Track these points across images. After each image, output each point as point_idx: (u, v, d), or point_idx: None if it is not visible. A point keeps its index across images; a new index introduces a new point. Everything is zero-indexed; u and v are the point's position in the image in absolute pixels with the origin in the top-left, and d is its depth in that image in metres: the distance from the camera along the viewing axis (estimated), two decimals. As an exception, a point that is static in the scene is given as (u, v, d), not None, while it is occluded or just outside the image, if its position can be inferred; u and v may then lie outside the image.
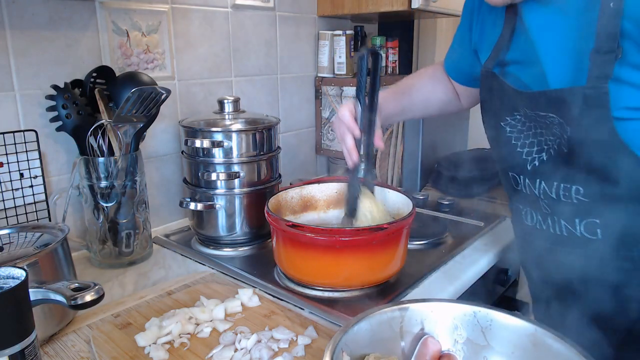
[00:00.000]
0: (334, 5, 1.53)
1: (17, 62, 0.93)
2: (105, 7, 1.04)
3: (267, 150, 1.07)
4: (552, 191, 0.73)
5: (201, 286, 0.89)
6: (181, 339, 0.72)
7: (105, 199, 0.96)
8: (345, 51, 1.54)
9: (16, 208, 0.95)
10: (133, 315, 0.79)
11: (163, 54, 1.16)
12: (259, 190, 1.06)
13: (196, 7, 1.22)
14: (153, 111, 0.97)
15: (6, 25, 0.91)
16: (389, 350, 0.62)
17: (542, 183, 0.75)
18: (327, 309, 0.82)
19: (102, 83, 1.01)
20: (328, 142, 1.63)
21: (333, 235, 0.81)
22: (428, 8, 1.39)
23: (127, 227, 0.99)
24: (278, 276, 0.94)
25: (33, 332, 0.52)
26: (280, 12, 1.44)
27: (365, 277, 0.86)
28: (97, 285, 0.59)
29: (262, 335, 0.72)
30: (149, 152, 1.17)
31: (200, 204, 1.03)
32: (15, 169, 0.94)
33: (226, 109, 1.07)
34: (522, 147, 0.77)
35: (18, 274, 0.52)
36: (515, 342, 0.61)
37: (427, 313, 0.65)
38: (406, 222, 0.85)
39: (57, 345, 0.72)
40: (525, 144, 0.76)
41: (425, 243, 1.09)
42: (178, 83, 1.21)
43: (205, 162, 1.03)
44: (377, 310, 0.63)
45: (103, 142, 0.97)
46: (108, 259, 1.00)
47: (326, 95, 1.59)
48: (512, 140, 0.78)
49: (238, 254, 1.06)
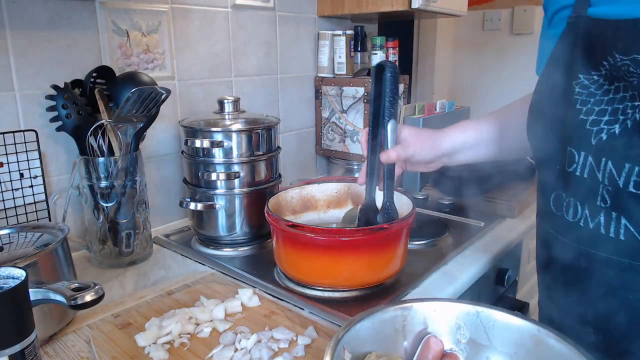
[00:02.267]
0: (334, 5, 1.53)
1: (17, 62, 0.93)
2: (105, 7, 1.04)
3: (267, 150, 1.06)
4: (621, 176, 0.56)
5: (201, 286, 0.89)
6: (181, 339, 0.72)
7: (105, 199, 0.96)
8: (345, 51, 1.54)
9: (16, 208, 0.95)
10: (133, 315, 0.79)
11: (163, 54, 1.16)
12: (259, 190, 1.06)
13: (196, 7, 1.22)
14: (153, 111, 0.97)
15: (6, 25, 0.90)
16: (391, 349, 0.62)
17: (609, 163, 0.57)
18: (327, 309, 0.82)
19: (102, 83, 1.01)
20: (328, 142, 1.63)
21: (333, 235, 0.81)
22: (428, 8, 1.39)
23: (127, 227, 0.99)
24: (278, 276, 0.94)
25: (33, 332, 0.52)
26: (280, 12, 1.44)
27: (365, 277, 0.86)
28: (97, 285, 0.59)
29: (262, 335, 0.72)
30: (149, 152, 1.17)
31: (200, 204, 1.03)
32: (15, 169, 0.94)
33: (226, 109, 1.07)
34: (588, 114, 0.60)
35: (18, 274, 0.52)
36: (518, 343, 0.61)
37: (430, 312, 0.64)
38: (406, 222, 0.85)
39: (57, 345, 0.72)
40: (593, 110, 0.59)
41: (425, 243, 1.09)
42: (178, 83, 1.21)
43: (205, 162, 1.02)
44: (379, 309, 0.63)
45: (103, 142, 0.97)
46: (108, 259, 0.99)
47: (326, 95, 1.59)
48: (577, 105, 0.61)
49: (238, 254, 1.06)
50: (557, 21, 0.66)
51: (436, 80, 2.43)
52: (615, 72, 0.57)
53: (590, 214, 0.60)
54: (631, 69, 0.55)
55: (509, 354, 0.61)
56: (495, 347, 0.62)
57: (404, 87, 1.66)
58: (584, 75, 0.60)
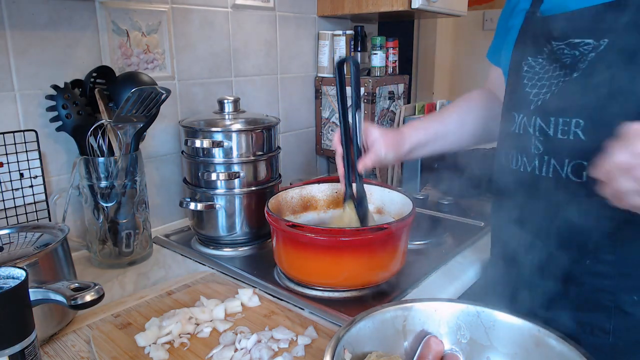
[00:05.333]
0: (334, 5, 1.53)
1: (17, 62, 0.93)
2: (105, 7, 1.04)
3: (267, 150, 1.06)
4: (549, 126, 0.72)
5: (201, 286, 0.89)
6: (181, 339, 0.72)
7: (105, 199, 0.96)
8: (345, 51, 1.54)
9: (16, 208, 0.95)
10: (133, 315, 0.79)
11: (163, 54, 1.16)
12: (259, 190, 1.06)
13: (196, 7, 1.21)
14: (153, 111, 0.97)
15: (6, 25, 0.90)
16: (391, 349, 0.62)
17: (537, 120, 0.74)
18: (327, 309, 0.82)
19: (102, 83, 1.01)
20: (328, 142, 1.63)
21: (333, 235, 0.81)
22: (428, 8, 1.39)
23: (127, 227, 0.99)
24: (278, 276, 0.94)
25: (33, 332, 0.52)
26: (280, 12, 1.44)
27: (365, 277, 0.86)
28: (97, 285, 0.59)
29: (262, 335, 0.72)
30: (149, 152, 1.17)
31: (200, 204, 1.03)
32: (15, 169, 0.94)
33: (226, 109, 1.07)
34: (532, 88, 0.76)
35: (18, 274, 0.52)
36: (518, 343, 0.61)
37: (430, 312, 0.65)
38: (406, 222, 0.85)
39: (57, 345, 0.72)
40: (535, 85, 0.75)
41: (425, 243, 1.09)
42: (178, 83, 1.21)
43: (205, 162, 1.02)
44: (380, 309, 0.63)
45: (103, 142, 0.97)
46: (108, 259, 0.99)
47: (326, 95, 1.59)
48: (524, 80, 0.77)
49: (238, 254, 1.06)
50: (517, 13, 0.83)
51: (436, 80, 2.43)
52: (553, 55, 0.73)
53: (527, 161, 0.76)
54: (566, 52, 0.71)
55: (509, 354, 0.61)
56: (496, 347, 0.62)
57: (404, 87, 1.66)
58: (532, 58, 0.77)
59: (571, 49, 0.70)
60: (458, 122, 0.98)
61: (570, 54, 0.70)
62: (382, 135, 0.86)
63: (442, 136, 0.96)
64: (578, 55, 0.69)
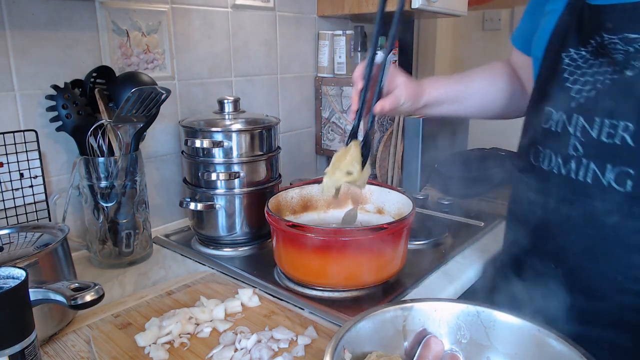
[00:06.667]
0: (334, 5, 1.53)
1: (17, 62, 0.93)
2: (105, 7, 1.04)
3: (267, 150, 1.06)
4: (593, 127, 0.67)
5: (201, 286, 0.89)
6: (181, 339, 0.72)
7: (105, 199, 0.96)
8: (345, 51, 1.54)
9: (16, 208, 0.95)
10: (133, 315, 0.79)
11: (163, 54, 1.16)
12: (259, 190, 1.06)
13: (196, 7, 1.21)
14: (153, 111, 0.97)
15: (6, 25, 0.90)
16: (391, 349, 0.62)
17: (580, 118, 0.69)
18: (327, 309, 0.82)
19: (102, 83, 1.01)
20: (328, 142, 1.63)
21: (333, 235, 0.81)
22: (428, 8, 1.39)
23: (127, 227, 0.99)
24: (278, 276, 0.94)
25: (33, 332, 0.52)
26: (280, 12, 1.44)
27: (365, 277, 0.85)
28: (97, 285, 0.59)
29: (262, 335, 0.72)
30: (149, 152, 1.17)
31: (200, 204, 1.03)
32: (15, 169, 0.94)
33: (226, 109, 1.07)
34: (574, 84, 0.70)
35: (18, 274, 0.52)
36: (519, 343, 0.61)
37: (430, 312, 0.64)
38: (406, 222, 0.85)
39: (57, 345, 0.72)
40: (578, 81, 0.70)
41: (425, 243, 1.09)
42: (178, 83, 1.21)
43: (205, 162, 1.02)
44: (380, 309, 0.63)
45: (103, 142, 0.97)
46: (108, 259, 0.99)
47: (326, 95, 1.59)
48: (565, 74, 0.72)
49: (238, 254, 1.06)
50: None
51: (436, 80, 2.43)
52: (602, 49, 0.67)
53: (562, 162, 0.72)
54: (618, 46, 0.65)
55: (509, 354, 0.61)
56: (496, 347, 0.62)
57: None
58: (574, 50, 0.71)
59: (625, 44, 0.64)
60: (481, 91, 0.96)
61: (623, 49, 0.65)
62: (405, 83, 0.84)
63: (461, 99, 0.94)
64: (633, 52, 0.64)
